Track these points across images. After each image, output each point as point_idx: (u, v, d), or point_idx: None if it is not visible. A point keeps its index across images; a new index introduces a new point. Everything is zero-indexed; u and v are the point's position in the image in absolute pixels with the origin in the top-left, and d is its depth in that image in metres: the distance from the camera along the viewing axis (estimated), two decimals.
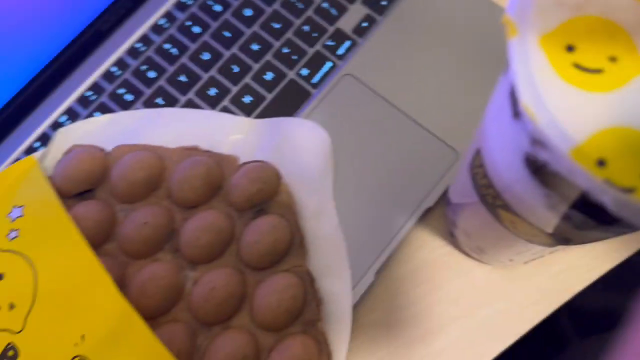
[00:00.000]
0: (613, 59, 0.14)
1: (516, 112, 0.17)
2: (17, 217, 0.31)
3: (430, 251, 0.34)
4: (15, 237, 0.30)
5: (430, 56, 0.36)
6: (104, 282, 0.28)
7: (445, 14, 0.37)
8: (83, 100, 0.36)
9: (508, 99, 0.17)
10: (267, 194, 0.32)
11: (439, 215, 0.34)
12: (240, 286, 0.30)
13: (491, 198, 0.23)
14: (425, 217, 0.34)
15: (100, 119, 0.34)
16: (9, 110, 0.35)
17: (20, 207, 0.31)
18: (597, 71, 0.14)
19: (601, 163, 0.14)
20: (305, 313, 0.31)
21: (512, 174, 0.19)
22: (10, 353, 0.28)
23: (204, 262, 0.31)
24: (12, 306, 0.29)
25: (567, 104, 0.14)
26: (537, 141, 0.15)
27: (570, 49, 0.15)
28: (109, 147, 0.34)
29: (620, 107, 0.14)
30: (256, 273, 0.31)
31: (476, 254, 0.31)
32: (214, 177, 0.32)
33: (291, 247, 0.32)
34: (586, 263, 0.33)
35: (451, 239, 0.34)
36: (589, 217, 0.17)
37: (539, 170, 0.17)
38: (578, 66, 0.15)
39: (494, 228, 0.25)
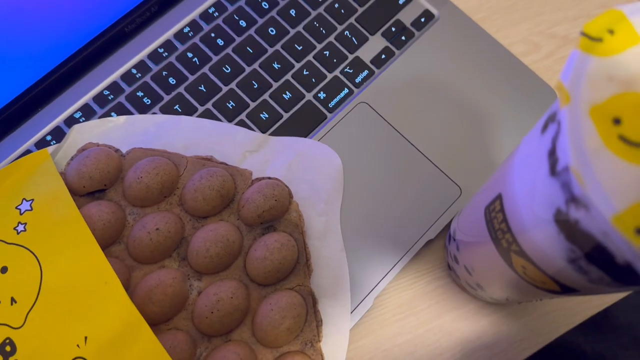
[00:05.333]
0: None
1: (554, 171, 0.18)
2: (26, 210, 0.30)
3: (428, 283, 0.35)
4: (23, 230, 0.30)
5: (442, 95, 0.37)
6: (113, 285, 0.28)
7: (461, 56, 0.38)
8: (100, 98, 0.36)
9: (546, 156, 0.19)
10: (279, 212, 0.32)
11: (439, 247, 0.36)
12: (245, 300, 0.30)
13: (506, 242, 0.24)
14: (425, 249, 0.35)
15: (116, 120, 0.34)
16: (24, 99, 0.35)
17: (30, 200, 0.31)
18: None
19: (639, 232, 0.15)
20: (305, 332, 0.31)
21: (537, 224, 0.20)
22: (7, 348, 0.28)
23: (211, 273, 0.31)
24: (13, 301, 0.29)
25: (612, 173, 0.16)
26: (577, 201, 0.17)
27: (617, 121, 0.16)
28: (123, 148, 0.34)
29: None
30: (261, 289, 0.32)
31: (473, 290, 0.33)
32: (228, 189, 0.32)
33: (297, 266, 0.32)
34: (572, 307, 0.35)
35: (449, 272, 0.35)
36: (608, 274, 0.18)
37: (568, 226, 0.18)
38: (623, 138, 0.16)
39: (501, 269, 0.27)
